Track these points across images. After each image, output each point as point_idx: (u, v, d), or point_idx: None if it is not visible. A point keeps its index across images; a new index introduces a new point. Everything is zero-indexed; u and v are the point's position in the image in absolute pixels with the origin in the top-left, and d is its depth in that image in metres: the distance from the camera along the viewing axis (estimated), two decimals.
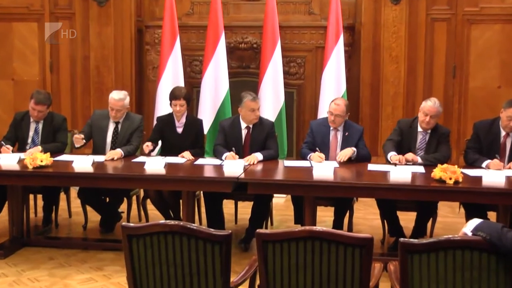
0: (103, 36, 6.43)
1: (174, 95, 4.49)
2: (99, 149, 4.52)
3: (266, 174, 3.98)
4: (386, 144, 4.28)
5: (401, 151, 4.17)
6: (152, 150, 4.35)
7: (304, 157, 4.34)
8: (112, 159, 4.24)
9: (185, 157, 4.29)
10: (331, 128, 4.36)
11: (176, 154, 4.37)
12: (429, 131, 4.22)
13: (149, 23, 6.48)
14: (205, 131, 5.61)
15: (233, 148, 4.26)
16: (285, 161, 4.42)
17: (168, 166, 4.00)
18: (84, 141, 4.36)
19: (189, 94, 4.65)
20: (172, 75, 5.97)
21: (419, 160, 4.07)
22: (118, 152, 4.36)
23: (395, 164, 3.97)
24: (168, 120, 4.60)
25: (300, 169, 3.99)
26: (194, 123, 4.61)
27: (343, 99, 4.54)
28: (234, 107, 5.84)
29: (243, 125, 4.48)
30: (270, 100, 5.84)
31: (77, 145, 4.35)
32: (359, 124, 5.45)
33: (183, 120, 4.55)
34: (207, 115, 5.94)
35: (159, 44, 6.22)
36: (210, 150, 5.38)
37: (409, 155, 4.06)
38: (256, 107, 4.39)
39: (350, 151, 4.16)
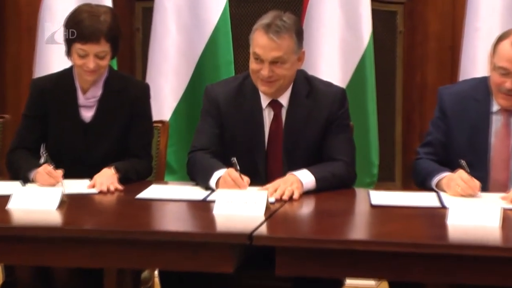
0: None
1: (80, 30, 4.68)
2: None
3: (322, 227, 3.99)
4: None
5: None
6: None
7: (423, 182, 4.61)
8: None
9: (100, 187, 4.51)
10: (495, 110, 4.66)
11: (80, 173, 4.65)
12: None
13: None
14: (168, 115, 6.12)
15: (234, 159, 4.37)
16: (372, 192, 4.55)
17: (70, 202, 4.11)
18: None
19: (117, 26, 4.82)
20: None
21: None
22: None
23: None
24: (58, 89, 4.87)
25: (414, 213, 4.16)
26: (124, 93, 4.90)
27: None
28: (239, 56, 6.05)
29: (265, 98, 4.62)
30: (336, 37, 6.23)
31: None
32: None
33: (98, 90, 4.82)
34: (170, 74, 6.35)
35: None
36: (178, 164, 5.50)
37: None
38: (268, 55, 4.55)
39: None
